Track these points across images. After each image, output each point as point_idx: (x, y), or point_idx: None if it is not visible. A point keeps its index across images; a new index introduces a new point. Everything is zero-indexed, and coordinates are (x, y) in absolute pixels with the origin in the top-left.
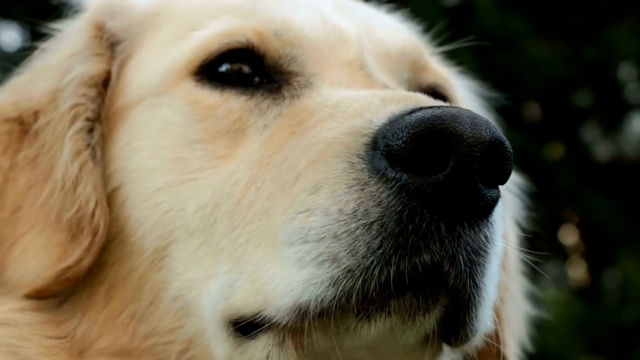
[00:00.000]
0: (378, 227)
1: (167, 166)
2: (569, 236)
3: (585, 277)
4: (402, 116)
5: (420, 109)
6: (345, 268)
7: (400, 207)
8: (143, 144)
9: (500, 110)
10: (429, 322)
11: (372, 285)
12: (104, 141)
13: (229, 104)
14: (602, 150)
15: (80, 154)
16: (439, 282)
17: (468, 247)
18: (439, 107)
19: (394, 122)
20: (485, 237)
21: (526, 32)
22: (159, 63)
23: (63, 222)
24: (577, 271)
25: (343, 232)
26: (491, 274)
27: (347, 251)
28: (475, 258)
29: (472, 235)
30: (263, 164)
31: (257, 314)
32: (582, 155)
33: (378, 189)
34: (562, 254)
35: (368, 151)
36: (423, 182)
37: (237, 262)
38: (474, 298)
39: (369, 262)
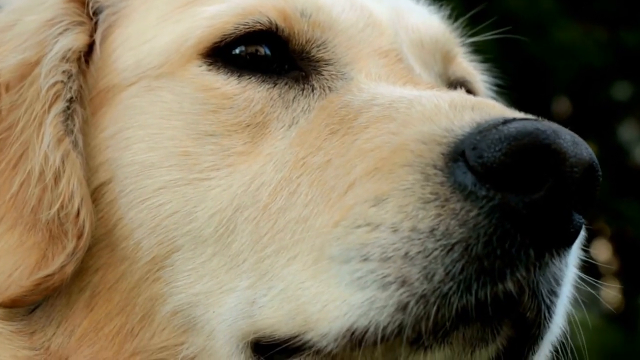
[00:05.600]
0: (461, 250)
1: (172, 162)
2: (601, 252)
3: (620, 300)
4: (495, 126)
5: (514, 119)
6: (417, 293)
7: (491, 229)
8: (139, 134)
9: (526, 104)
10: (489, 354)
11: (447, 314)
12: (87, 127)
13: (248, 92)
14: None
15: (62, 141)
16: (508, 311)
17: (550, 278)
18: (536, 119)
19: (486, 133)
20: (566, 265)
21: (556, 13)
22: (157, 38)
23: (42, 221)
24: (610, 292)
25: (417, 253)
26: (564, 305)
27: (421, 274)
28: (556, 289)
29: (557, 264)
30: (297, 166)
31: (295, 337)
32: (618, 157)
33: (463, 207)
34: (593, 272)
35: (448, 162)
36: (519, 202)
37: (262, 276)
38: (544, 331)
39: (446, 287)
